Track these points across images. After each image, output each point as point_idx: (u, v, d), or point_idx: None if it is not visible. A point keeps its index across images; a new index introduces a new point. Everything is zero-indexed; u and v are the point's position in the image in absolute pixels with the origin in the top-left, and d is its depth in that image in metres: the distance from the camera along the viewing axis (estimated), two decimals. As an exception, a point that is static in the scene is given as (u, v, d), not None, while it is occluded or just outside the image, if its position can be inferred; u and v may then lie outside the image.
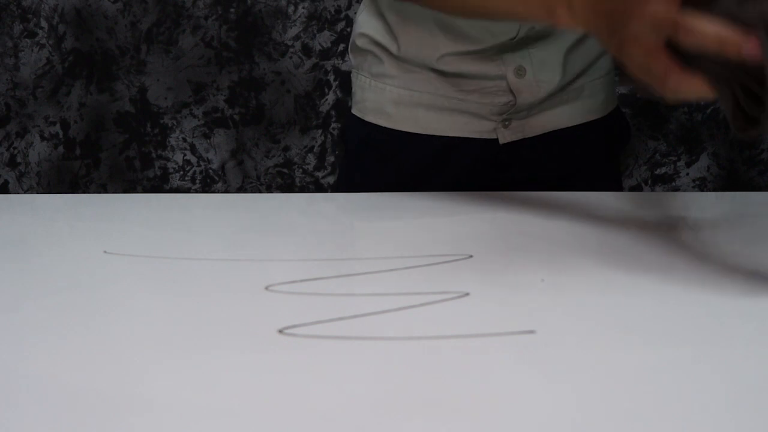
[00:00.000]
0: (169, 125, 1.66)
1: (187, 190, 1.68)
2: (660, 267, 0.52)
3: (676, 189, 1.69)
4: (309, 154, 1.68)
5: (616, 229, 0.60)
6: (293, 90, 1.62)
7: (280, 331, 0.38)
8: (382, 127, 0.83)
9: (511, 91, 0.78)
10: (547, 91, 0.79)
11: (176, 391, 0.32)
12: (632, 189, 1.69)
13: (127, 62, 1.64)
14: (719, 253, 0.54)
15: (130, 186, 1.69)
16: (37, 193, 1.70)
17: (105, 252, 0.54)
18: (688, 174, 1.69)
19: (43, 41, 1.65)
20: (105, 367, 0.35)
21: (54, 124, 1.68)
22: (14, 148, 1.70)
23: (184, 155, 1.67)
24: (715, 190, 1.68)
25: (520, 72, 0.77)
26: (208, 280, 0.48)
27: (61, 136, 1.69)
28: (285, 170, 1.68)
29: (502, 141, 0.81)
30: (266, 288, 0.46)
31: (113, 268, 0.50)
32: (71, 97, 1.67)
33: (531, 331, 0.39)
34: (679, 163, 1.69)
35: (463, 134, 0.81)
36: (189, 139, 1.66)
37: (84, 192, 1.69)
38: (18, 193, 1.71)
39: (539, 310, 0.43)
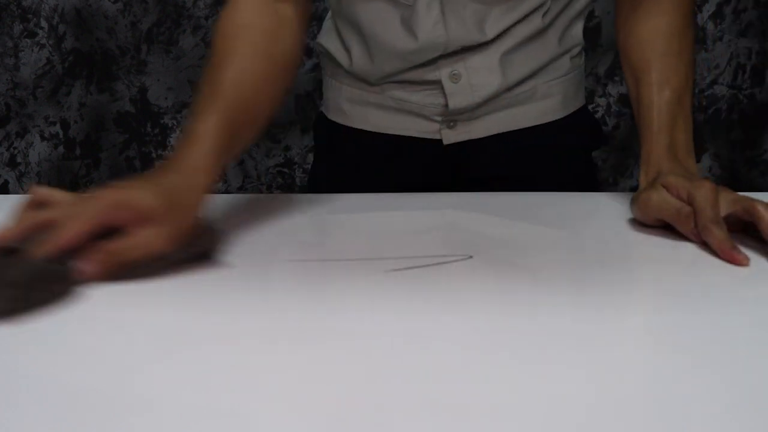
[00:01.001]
0: (170, 125, 1.66)
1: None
2: (660, 267, 0.51)
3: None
4: (309, 154, 1.68)
5: (616, 229, 0.60)
6: (293, 90, 1.62)
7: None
8: (340, 124, 0.87)
9: (445, 100, 0.80)
10: (484, 95, 0.80)
11: (176, 391, 0.32)
12: (632, 189, 1.69)
13: (128, 62, 1.64)
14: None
15: (130, 186, 1.69)
16: (37, 193, 1.70)
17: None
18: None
19: (43, 41, 1.65)
20: (105, 367, 0.35)
21: (54, 124, 1.68)
22: (14, 148, 1.70)
23: (185, 155, 1.67)
24: (716, 190, 1.67)
25: (454, 78, 0.79)
26: (207, 279, 0.48)
27: (61, 136, 1.69)
28: (285, 170, 1.68)
29: (446, 142, 0.83)
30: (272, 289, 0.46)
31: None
32: (71, 97, 1.67)
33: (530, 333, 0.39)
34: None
35: (410, 134, 0.84)
36: (189, 139, 1.66)
37: (83, 192, 1.69)
38: (18, 193, 1.71)
39: (538, 310, 0.43)
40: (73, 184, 1.71)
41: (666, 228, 0.59)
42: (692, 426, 0.30)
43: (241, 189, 1.69)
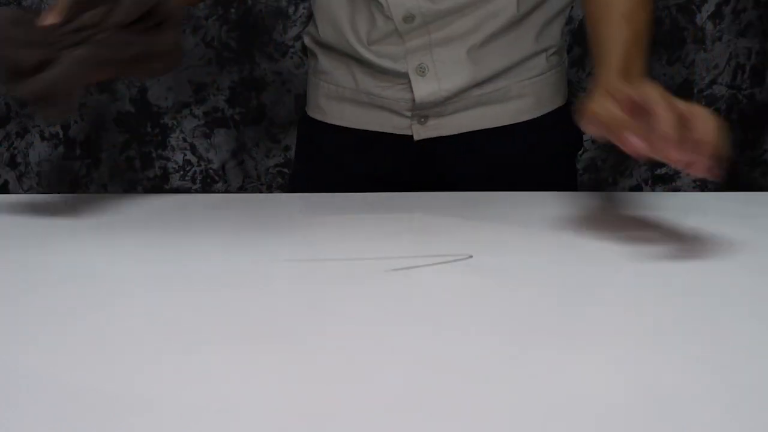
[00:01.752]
0: (170, 125, 1.66)
1: (187, 190, 1.68)
2: (660, 267, 0.52)
3: (677, 189, 1.69)
4: (309, 154, 1.68)
5: (616, 229, 0.60)
6: (294, 90, 1.62)
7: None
8: (319, 121, 0.90)
9: (412, 94, 0.81)
10: (451, 89, 0.80)
11: (176, 391, 0.32)
12: (632, 189, 1.69)
13: (128, 62, 1.64)
14: (720, 253, 0.54)
15: (130, 186, 1.69)
16: (37, 193, 1.70)
17: (106, 250, 0.54)
18: (688, 174, 1.69)
19: (44, 41, 1.64)
20: (105, 367, 0.35)
21: (54, 124, 1.68)
22: (14, 148, 1.70)
23: (185, 155, 1.67)
24: (715, 190, 1.68)
25: (420, 71, 0.80)
26: (208, 279, 0.48)
27: (61, 136, 1.69)
28: (285, 170, 1.68)
29: (416, 137, 0.84)
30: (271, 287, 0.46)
31: (113, 268, 0.50)
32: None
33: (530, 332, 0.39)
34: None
35: (383, 129, 0.86)
36: (189, 139, 1.66)
37: (84, 192, 1.69)
38: (18, 193, 1.71)
39: (537, 310, 0.43)
40: (73, 184, 1.71)
41: (667, 229, 0.59)
42: (694, 426, 0.30)
43: (241, 189, 1.69)
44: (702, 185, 1.68)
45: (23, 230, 0.60)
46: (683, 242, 0.56)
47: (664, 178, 1.69)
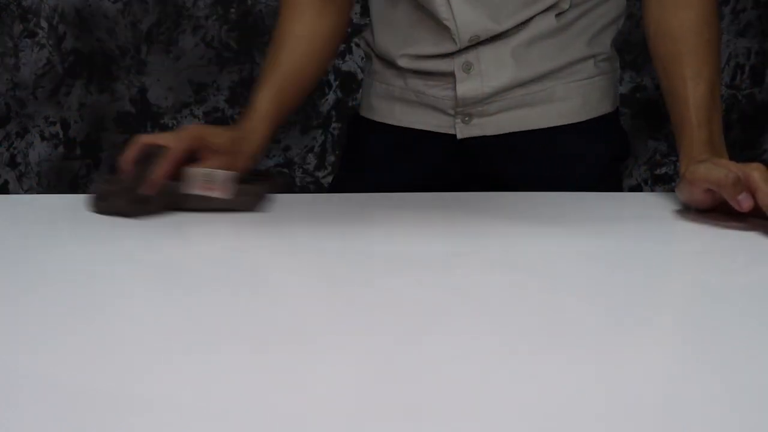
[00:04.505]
0: (170, 125, 1.66)
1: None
2: (660, 267, 0.52)
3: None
4: (309, 154, 1.68)
5: (616, 229, 0.60)
6: (293, 90, 1.62)
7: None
8: (369, 120, 0.93)
9: (455, 90, 0.83)
10: (495, 86, 0.81)
11: (176, 391, 0.32)
12: (632, 189, 1.69)
13: (128, 62, 1.64)
14: (719, 253, 0.54)
15: (130, 186, 1.69)
16: (37, 193, 1.70)
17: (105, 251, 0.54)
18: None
19: (43, 41, 1.65)
20: (105, 367, 0.35)
21: (54, 124, 1.68)
22: (14, 148, 1.70)
23: (185, 155, 1.67)
24: (715, 190, 1.67)
25: (466, 68, 0.82)
26: (208, 280, 0.48)
27: (61, 136, 1.69)
28: (285, 170, 1.68)
29: (459, 136, 0.85)
30: (267, 288, 0.46)
31: (113, 268, 0.50)
32: (71, 97, 1.67)
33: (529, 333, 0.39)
34: (679, 164, 1.69)
35: (428, 127, 0.88)
36: (189, 139, 1.66)
37: (84, 192, 1.69)
38: (18, 193, 1.71)
39: (537, 309, 0.43)
40: (73, 184, 1.71)
41: (669, 228, 0.59)
42: (694, 427, 0.30)
43: (240, 189, 1.69)
44: (702, 185, 1.68)
45: (23, 230, 0.60)
46: (681, 242, 0.56)
47: (664, 178, 1.70)
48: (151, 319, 0.41)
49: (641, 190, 1.69)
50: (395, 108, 0.90)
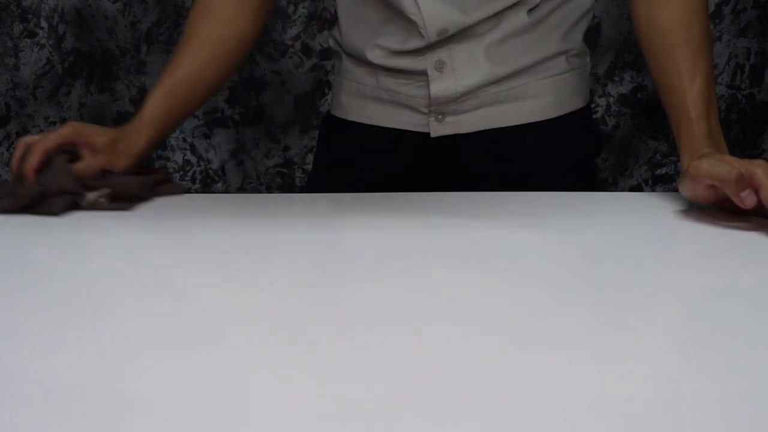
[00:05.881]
0: (169, 125, 1.66)
1: (187, 190, 1.68)
2: (660, 267, 0.52)
3: (677, 189, 1.69)
4: (309, 154, 1.68)
5: (616, 229, 0.60)
6: (293, 90, 1.62)
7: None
8: (341, 119, 0.91)
9: (428, 89, 0.82)
10: (467, 85, 0.80)
11: (176, 391, 0.32)
12: (632, 189, 1.69)
13: (127, 62, 1.64)
14: (720, 253, 0.54)
15: (130, 186, 1.69)
16: (37, 193, 1.70)
17: (104, 250, 0.54)
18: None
19: (43, 41, 1.65)
20: (105, 367, 0.35)
21: (54, 124, 1.68)
22: (14, 148, 1.70)
23: (184, 155, 1.67)
24: (715, 190, 1.67)
25: (438, 66, 0.81)
26: (208, 280, 0.48)
27: (61, 136, 1.68)
28: (285, 170, 1.68)
29: (433, 134, 0.85)
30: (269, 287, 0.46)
31: (113, 268, 0.50)
32: (71, 97, 1.67)
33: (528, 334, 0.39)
34: (679, 164, 1.68)
35: (401, 126, 0.87)
36: (189, 139, 1.66)
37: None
38: (18, 193, 1.71)
39: (536, 309, 0.43)
40: (73, 184, 1.71)
41: (669, 228, 0.59)
42: (694, 427, 0.30)
43: (240, 189, 1.69)
44: (702, 185, 1.68)
45: (23, 230, 0.60)
46: (682, 242, 0.56)
47: (664, 178, 1.69)
48: (151, 318, 0.41)
49: (641, 190, 1.69)
50: (367, 106, 0.88)
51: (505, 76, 0.81)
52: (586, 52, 0.87)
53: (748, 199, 0.59)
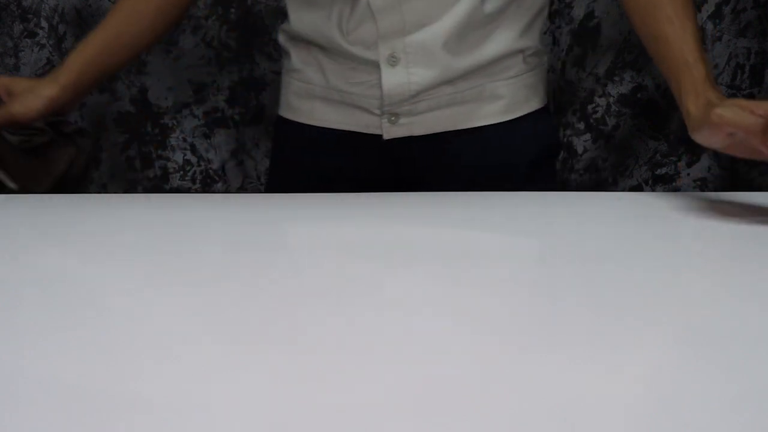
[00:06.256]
0: (170, 125, 1.66)
1: (187, 190, 1.68)
2: (659, 267, 0.52)
3: (677, 189, 1.69)
4: (309, 154, 1.68)
5: (616, 229, 0.60)
6: (293, 90, 1.62)
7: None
8: (291, 121, 0.89)
9: (380, 85, 0.79)
10: (421, 83, 0.79)
11: (176, 392, 0.32)
12: (632, 189, 1.69)
13: (128, 62, 1.64)
14: (720, 253, 0.54)
15: (130, 186, 1.69)
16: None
17: (105, 250, 0.54)
18: (689, 174, 1.69)
19: (43, 41, 1.65)
20: (104, 367, 0.35)
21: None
22: (14, 148, 1.69)
23: (185, 155, 1.67)
24: (715, 190, 1.68)
25: (392, 60, 0.78)
26: (208, 280, 0.48)
27: (61, 136, 1.68)
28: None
29: (386, 136, 0.83)
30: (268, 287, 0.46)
31: (113, 268, 0.50)
32: (71, 97, 1.66)
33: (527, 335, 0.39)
34: (679, 164, 1.69)
35: (353, 128, 0.84)
36: (189, 139, 1.66)
37: (84, 192, 1.69)
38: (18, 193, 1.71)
39: (535, 309, 0.43)
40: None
41: (669, 228, 0.59)
42: (694, 427, 0.30)
43: (240, 189, 1.69)
44: (702, 185, 1.69)
45: (23, 230, 0.60)
46: (682, 242, 0.56)
47: (664, 178, 1.69)
48: (152, 319, 0.41)
49: (641, 190, 1.69)
50: (317, 108, 0.86)
51: (459, 75, 0.80)
52: (543, 51, 0.86)
53: None
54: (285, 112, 0.91)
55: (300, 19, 0.84)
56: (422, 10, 0.76)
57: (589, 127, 1.65)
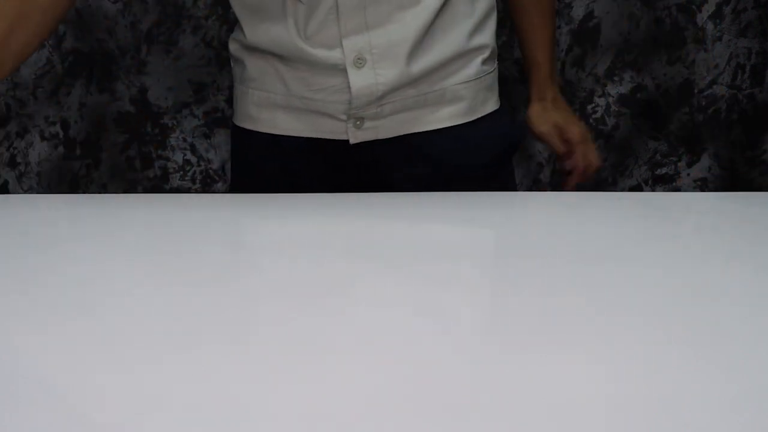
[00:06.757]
0: (170, 125, 1.66)
1: (187, 190, 1.68)
2: (659, 267, 0.51)
3: (677, 189, 1.69)
4: (309, 154, 1.68)
5: (616, 229, 0.60)
6: (293, 90, 1.62)
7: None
8: (252, 131, 0.87)
9: (349, 88, 0.79)
10: (387, 85, 0.79)
11: (176, 392, 0.32)
12: (632, 189, 1.69)
13: (128, 62, 1.64)
14: (720, 254, 0.54)
15: (130, 186, 1.69)
16: (37, 193, 1.70)
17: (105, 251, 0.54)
18: (689, 174, 1.69)
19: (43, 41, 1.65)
20: (103, 367, 0.35)
21: (54, 124, 1.68)
22: (14, 148, 1.70)
23: (184, 155, 1.67)
24: (716, 190, 1.68)
25: (359, 62, 0.78)
26: (207, 280, 0.48)
27: (61, 136, 1.68)
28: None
29: (352, 141, 0.83)
30: (267, 286, 0.46)
31: (113, 268, 0.50)
32: (71, 97, 1.67)
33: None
34: (679, 164, 1.69)
35: (318, 135, 0.84)
36: (189, 139, 1.66)
37: (84, 192, 1.69)
38: (18, 193, 1.71)
39: (535, 309, 0.43)
40: (73, 184, 1.71)
41: (669, 228, 0.58)
42: (694, 427, 0.30)
43: (241, 189, 1.69)
44: (702, 185, 1.69)
45: (23, 230, 0.60)
46: (682, 242, 0.56)
47: (664, 178, 1.69)
48: (152, 318, 0.41)
49: (641, 190, 1.69)
50: (278, 116, 0.85)
51: (423, 74, 0.81)
52: (496, 51, 0.89)
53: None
54: (243, 122, 0.89)
55: (254, 32, 0.83)
56: (386, 10, 0.77)
57: (589, 127, 1.65)
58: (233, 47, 0.88)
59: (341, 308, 0.43)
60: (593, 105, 1.64)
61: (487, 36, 0.85)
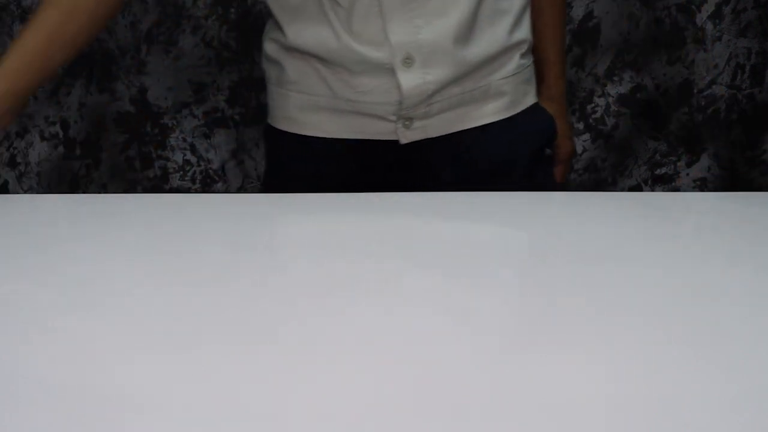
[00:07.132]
0: (170, 125, 1.66)
1: (187, 190, 1.68)
2: (659, 267, 0.51)
3: (677, 189, 1.69)
4: (309, 154, 1.68)
5: (616, 229, 0.60)
6: (293, 90, 1.62)
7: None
8: (292, 134, 0.86)
9: (399, 89, 0.79)
10: (436, 83, 0.79)
11: (176, 392, 0.32)
12: (632, 189, 1.69)
13: (128, 62, 1.64)
14: (720, 254, 0.54)
15: (130, 186, 1.69)
16: (37, 193, 1.70)
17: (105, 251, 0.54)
18: (688, 174, 1.69)
19: (43, 41, 1.64)
20: (103, 367, 0.35)
21: (54, 124, 1.68)
22: (14, 148, 1.70)
23: (184, 155, 1.67)
24: (715, 190, 1.68)
25: (407, 62, 0.78)
26: (207, 280, 0.48)
27: (61, 136, 1.68)
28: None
29: (402, 141, 0.82)
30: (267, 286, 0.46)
31: (113, 268, 0.50)
32: (71, 97, 1.67)
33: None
34: (679, 164, 1.69)
35: (365, 136, 0.83)
36: (189, 139, 1.66)
37: (84, 192, 1.69)
38: (18, 193, 1.71)
39: (535, 309, 0.43)
40: (73, 184, 1.71)
41: (669, 228, 0.58)
42: (693, 427, 0.30)
43: (240, 189, 1.69)
44: (702, 185, 1.69)
45: (23, 230, 0.60)
46: (682, 242, 0.56)
47: (664, 178, 1.69)
48: (151, 319, 0.41)
49: (641, 190, 1.69)
50: (324, 120, 0.83)
51: (469, 71, 0.81)
52: (532, 45, 0.90)
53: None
54: (284, 125, 0.87)
55: (298, 33, 0.81)
56: (431, 7, 0.77)
57: (589, 127, 1.65)
58: (270, 48, 0.86)
59: (341, 308, 0.43)
60: (593, 105, 1.64)
61: (525, 31, 0.86)
